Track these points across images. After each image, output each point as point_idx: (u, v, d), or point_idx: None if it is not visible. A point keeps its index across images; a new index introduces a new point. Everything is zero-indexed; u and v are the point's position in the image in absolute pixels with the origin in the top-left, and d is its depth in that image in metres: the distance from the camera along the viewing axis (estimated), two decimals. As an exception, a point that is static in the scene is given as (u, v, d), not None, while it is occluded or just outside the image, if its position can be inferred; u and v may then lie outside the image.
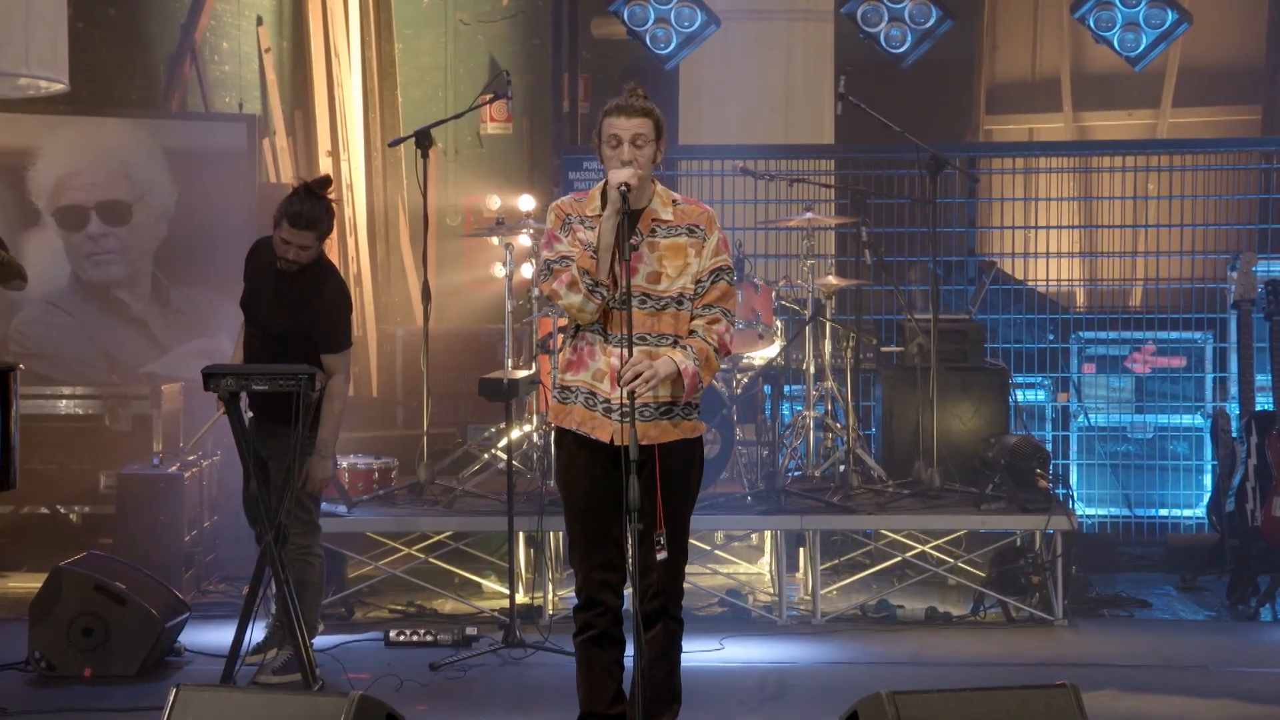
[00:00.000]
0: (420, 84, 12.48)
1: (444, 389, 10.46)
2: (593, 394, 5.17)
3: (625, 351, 5.03)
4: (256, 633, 6.62)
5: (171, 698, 4.61)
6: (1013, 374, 9.65)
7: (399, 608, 8.29)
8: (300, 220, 6.50)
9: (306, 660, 6.20)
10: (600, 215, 5.15)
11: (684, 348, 5.14)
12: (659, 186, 5.29)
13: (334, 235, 10.27)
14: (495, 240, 9.00)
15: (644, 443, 5.08)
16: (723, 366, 8.76)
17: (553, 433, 5.29)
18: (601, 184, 5.23)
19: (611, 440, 5.12)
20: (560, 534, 8.34)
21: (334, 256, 10.90)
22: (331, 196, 6.65)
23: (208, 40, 11.13)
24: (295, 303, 6.59)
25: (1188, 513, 10.05)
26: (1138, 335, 10.27)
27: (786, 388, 9.33)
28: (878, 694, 4.59)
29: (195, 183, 10.30)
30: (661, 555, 5.01)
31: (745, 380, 9.03)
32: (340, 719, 4.43)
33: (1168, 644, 7.74)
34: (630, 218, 5.14)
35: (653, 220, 5.21)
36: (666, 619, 5.19)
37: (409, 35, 12.46)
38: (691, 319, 5.19)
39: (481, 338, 10.83)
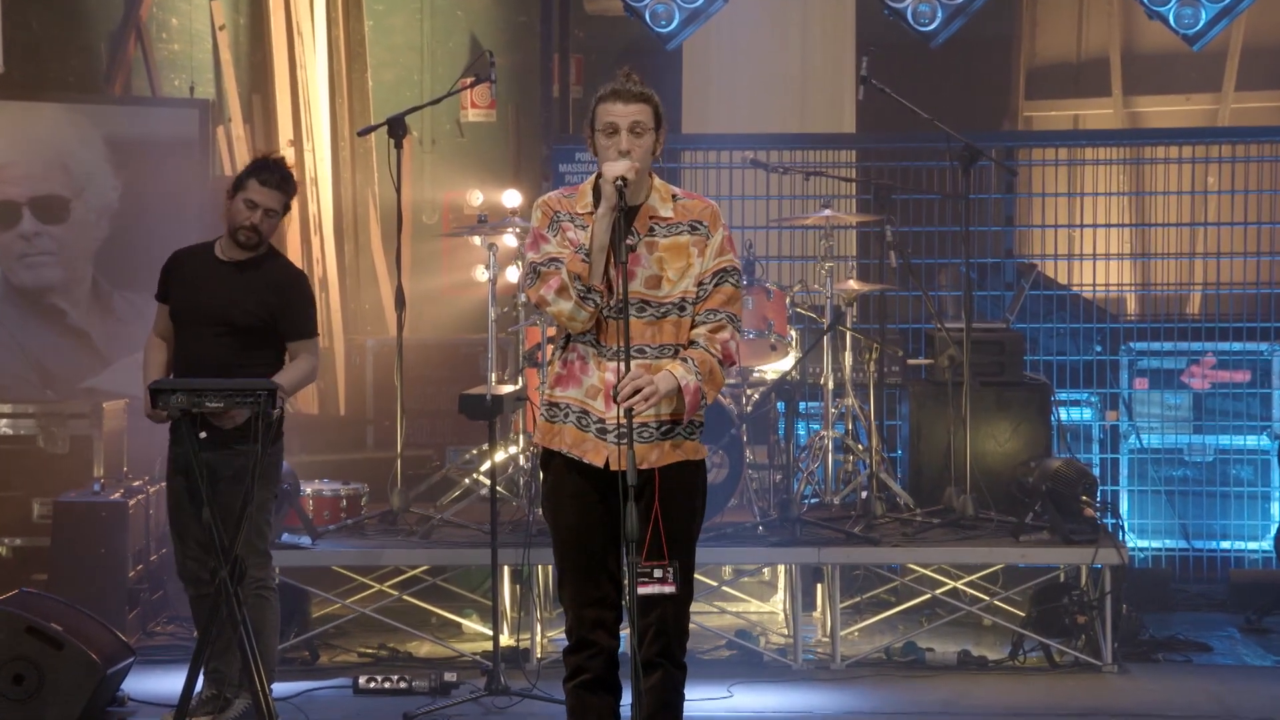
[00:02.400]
0: (393, 66, 12.51)
1: (420, 406, 10.48)
2: (585, 413, 5.16)
3: (622, 365, 5.03)
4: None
5: (115, 751, 4.63)
6: (1055, 390, 9.66)
7: (369, 651, 8.30)
8: (271, 179, 6.61)
9: (266, 710, 6.21)
10: (592, 213, 5.15)
11: (685, 360, 5.12)
12: (657, 180, 5.29)
13: (295, 233, 10.29)
14: (477, 240, 9.03)
15: (642, 467, 5.09)
16: (729, 381, 8.79)
17: (539, 454, 5.29)
18: (593, 178, 5.23)
19: (606, 464, 5.13)
20: (550, 568, 8.35)
21: (296, 258, 10.94)
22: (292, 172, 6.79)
23: (154, 16, 11.16)
24: (253, 289, 6.64)
25: (1252, 545, 10.07)
26: (1196, 346, 10.29)
27: (802, 405, 9.34)
28: (904, 746, 4.62)
29: (141, 175, 10.31)
30: (668, 589, 5.01)
31: (756, 396, 9.05)
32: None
33: (1230, 693, 7.74)
34: (625, 215, 5.14)
35: (650, 218, 5.20)
36: (668, 664, 5.18)
37: (380, 12, 12.48)
38: (693, 326, 5.19)
39: (462, 349, 10.85)
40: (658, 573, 5.02)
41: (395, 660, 8.18)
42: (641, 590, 4.98)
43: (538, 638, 8.00)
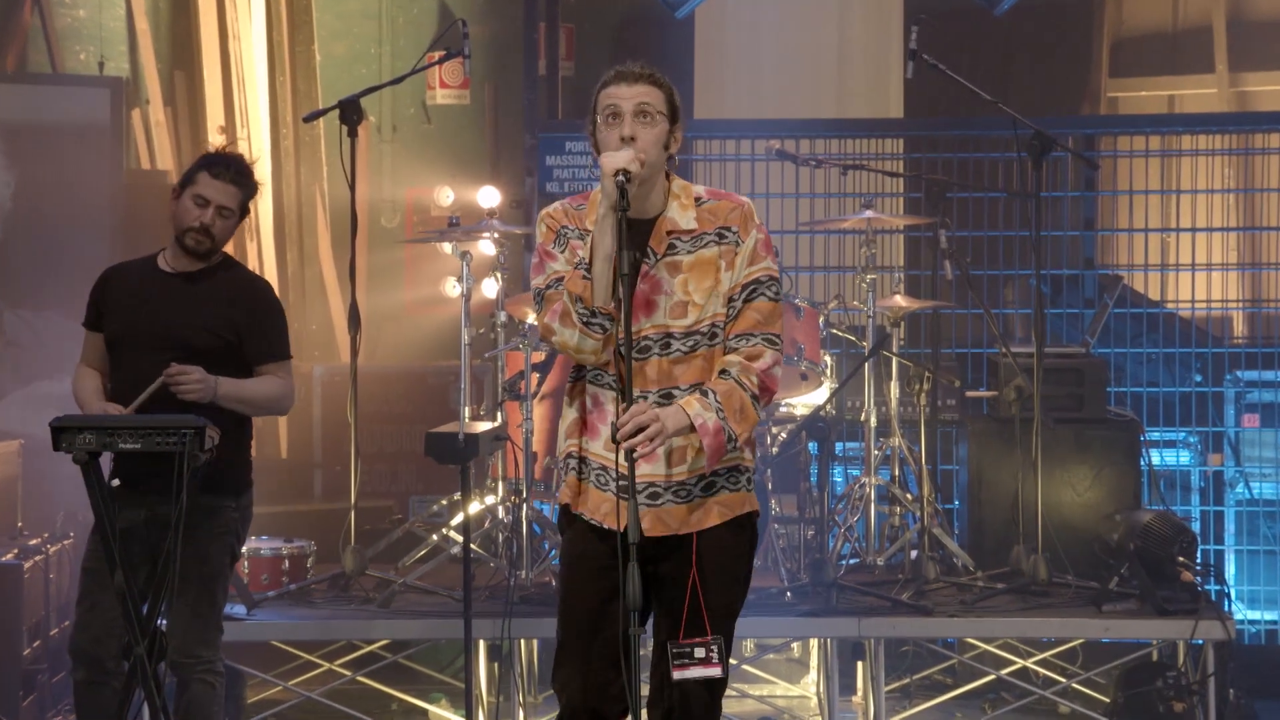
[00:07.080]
0: (346, 37, 12.57)
1: (378, 447, 10.52)
2: (604, 470, 5.19)
3: (623, 399, 5.00)
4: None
5: None
6: (1146, 428, 9.69)
7: (316, 744, 8.35)
8: (225, 171, 6.65)
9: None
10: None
11: (705, 392, 5.10)
12: (676, 183, 5.28)
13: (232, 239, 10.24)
14: (447, 247, 9.06)
15: (683, 530, 5.14)
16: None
17: (557, 512, 5.30)
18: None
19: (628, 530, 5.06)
20: (535, 643, 8.40)
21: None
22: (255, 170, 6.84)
23: (57, -23, 11.24)
24: (210, 304, 6.66)
25: (1386, 617, 10.10)
26: (1318, 376, 10.33)
27: (839, 446, 9.38)
28: None
29: (40, 168, 10.35)
30: (713, 671, 5.03)
31: (784, 435, 9.08)
32: None
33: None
34: (637, 231, 5.12)
35: (670, 233, 5.19)
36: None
37: (330, -29, 12.56)
38: (725, 352, 5.17)
39: (429, 378, 10.90)
40: (699, 652, 5.05)
41: (348, 754, 8.22)
42: (679, 674, 5.03)
43: (520, 727, 8.04)
